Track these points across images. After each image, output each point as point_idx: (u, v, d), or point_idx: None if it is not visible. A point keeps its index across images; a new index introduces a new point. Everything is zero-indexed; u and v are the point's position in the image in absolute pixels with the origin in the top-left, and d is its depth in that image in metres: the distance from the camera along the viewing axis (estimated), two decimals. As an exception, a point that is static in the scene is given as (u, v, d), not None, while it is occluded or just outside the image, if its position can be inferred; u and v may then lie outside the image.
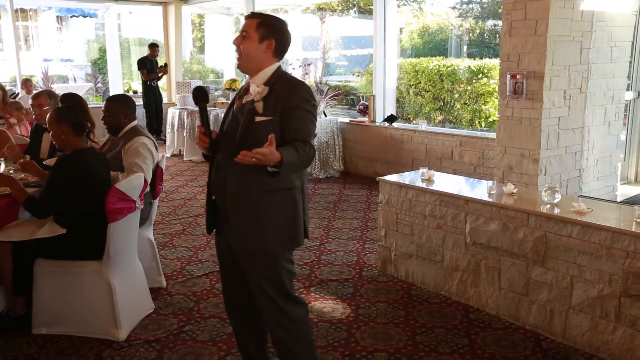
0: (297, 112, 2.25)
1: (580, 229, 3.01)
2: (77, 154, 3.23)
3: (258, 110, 2.27)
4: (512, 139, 5.19)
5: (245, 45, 2.30)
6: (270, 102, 2.26)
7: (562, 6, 4.84)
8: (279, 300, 2.40)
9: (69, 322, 3.26)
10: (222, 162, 2.37)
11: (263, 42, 2.30)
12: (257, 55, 2.30)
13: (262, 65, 2.32)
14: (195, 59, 15.53)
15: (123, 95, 4.34)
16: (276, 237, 2.33)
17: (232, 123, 2.38)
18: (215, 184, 2.42)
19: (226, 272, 2.59)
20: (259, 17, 2.32)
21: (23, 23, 15.95)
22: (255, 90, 2.28)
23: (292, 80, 2.37)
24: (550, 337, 3.23)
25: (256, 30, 2.29)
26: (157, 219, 5.58)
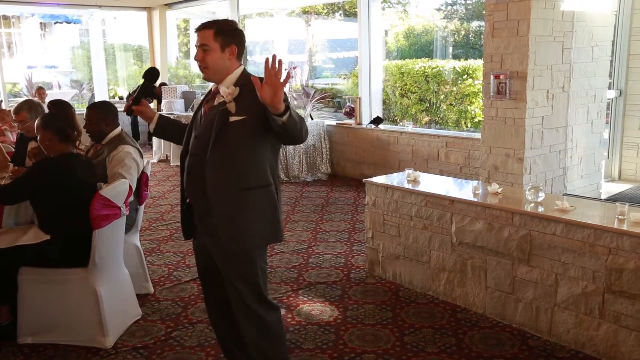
0: None
1: (563, 226, 3.04)
2: (62, 157, 3.22)
3: (231, 111, 2.27)
4: (496, 139, 5.23)
5: (209, 59, 2.30)
6: (242, 101, 2.27)
7: (543, 7, 4.90)
8: (253, 303, 2.42)
9: (55, 330, 3.23)
10: (194, 165, 2.37)
11: (225, 50, 2.31)
12: (222, 64, 2.32)
13: (228, 71, 2.34)
14: (181, 63, 15.48)
15: (103, 103, 4.30)
16: (256, 234, 2.35)
17: (203, 127, 2.37)
18: (189, 186, 2.43)
19: (205, 276, 2.60)
20: (213, 26, 2.31)
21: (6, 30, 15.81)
22: (226, 92, 2.29)
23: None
24: (537, 334, 3.25)
25: (215, 41, 2.29)
26: (144, 225, 5.55)
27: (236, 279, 2.40)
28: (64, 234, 3.20)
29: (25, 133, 4.42)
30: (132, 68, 16.13)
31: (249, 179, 2.27)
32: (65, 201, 3.17)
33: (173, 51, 14.50)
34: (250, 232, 2.33)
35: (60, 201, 3.16)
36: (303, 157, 7.71)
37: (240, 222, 2.32)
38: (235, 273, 2.40)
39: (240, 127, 2.26)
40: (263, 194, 2.34)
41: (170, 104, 9.42)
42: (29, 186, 3.15)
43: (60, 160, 3.20)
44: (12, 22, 16.12)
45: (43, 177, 3.14)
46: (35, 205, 3.28)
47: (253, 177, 2.24)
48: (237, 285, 2.40)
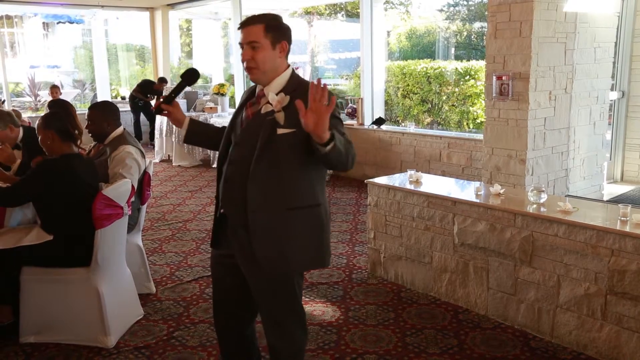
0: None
1: (566, 228, 3.04)
2: (63, 158, 3.22)
3: (279, 122, 2.06)
4: (499, 140, 5.23)
5: (259, 57, 2.07)
6: (292, 112, 1.98)
7: (546, 8, 4.90)
8: (285, 321, 2.30)
9: (57, 330, 3.24)
10: (232, 174, 2.18)
11: (276, 47, 2.10)
12: (273, 63, 2.10)
13: (277, 72, 2.13)
14: (184, 64, 15.50)
15: (105, 103, 4.30)
16: (297, 258, 2.18)
17: (245, 134, 2.16)
18: (225, 196, 2.23)
19: (223, 288, 2.39)
20: (263, 21, 2.09)
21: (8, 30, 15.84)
22: (275, 100, 2.07)
23: None
24: (539, 336, 3.25)
25: (266, 37, 2.07)
26: (146, 225, 5.56)
27: (270, 297, 2.25)
28: (67, 234, 3.20)
29: None
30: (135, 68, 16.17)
31: (295, 198, 2.10)
32: (67, 201, 3.17)
33: (175, 51, 14.52)
34: (291, 255, 2.15)
35: (62, 202, 3.17)
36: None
37: (281, 244, 2.13)
38: (270, 292, 2.24)
39: (288, 141, 2.05)
40: (310, 215, 2.17)
41: (172, 104, 9.42)
42: (31, 188, 3.16)
43: (62, 161, 3.20)
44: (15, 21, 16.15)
45: (45, 179, 3.14)
46: (37, 205, 3.28)
47: (300, 196, 2.07)
48: (270, 303, 2.25)
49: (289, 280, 2.24)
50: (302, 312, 2.38)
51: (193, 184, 7.67)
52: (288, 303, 2.29)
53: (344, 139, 1.99)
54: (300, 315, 2.36)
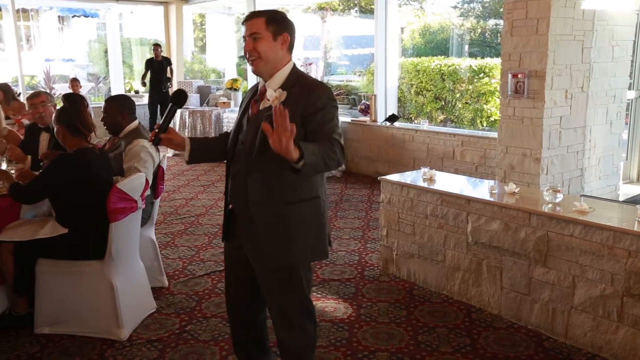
0: (320, 115, 2.11)
1: (582, 228, 3.01)
2: (78, 153, 3.23)
3: None
4: (513, 139, 5.18)
5: (260, 47, 2.13)
6: (289, 107, 2.03)
7: (564, 5, 4.84)
8: (293, 314, 2.33)
9: (71, 321, 3.27)
10: (240, 170, 2.24)
11: (278, 39, 2.15)
12: (275, 55, 2.16)
13: (279, 65, 2.18)
14: (197, 58, 15.56)
15: (120, 96, 4.32)
16: (299, 250, 2.23)
17: (249, 132, 2.22)
18: (233, 193, 2.30)
19: (235, 281, 2.47)
20: (265, 14, 2.16)
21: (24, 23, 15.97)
22: (273, 96, 2.13)
23: (310, 82, 2.22)
24: (553, 336, 3.22)
25: (267, 29, 2.13)
26: (159, 219, 5.58)
27: (277, 290, 2.29)
28: (81, 227, 3.22)
29: (42, 119, 4.44)
30: (148, 62, 16.19)
31: (294, 191, 2.14)
32: (82, 196, 3.19)
33: (189, 46, 14.57)
34: (293, 247, 2.21)
35: (77, 196, 3.18)
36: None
37: (283, 237, 2.19)
38: (277, 285, 2.29)
39: None
40: (309, 208, 2.22)
41: (185, 99, 9.46)
42: (46, 185, 3.18)
43: (76, 157, 3.22)
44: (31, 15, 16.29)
45: (60, 176, 3.16)
46: (52, 200, 3.30)
47: (299, 189, 2.11)
48: (277, 296, 2.30)
49: (295, 274, 2.28)
50: (311, 306, 2.40)
51: (205, 178, 7.69)
52: (296, 296, 2.32)
53: (318, 148, 1.99)
54: (309, 308, 2.38)
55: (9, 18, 10.09)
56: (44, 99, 4.50)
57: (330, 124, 2.12)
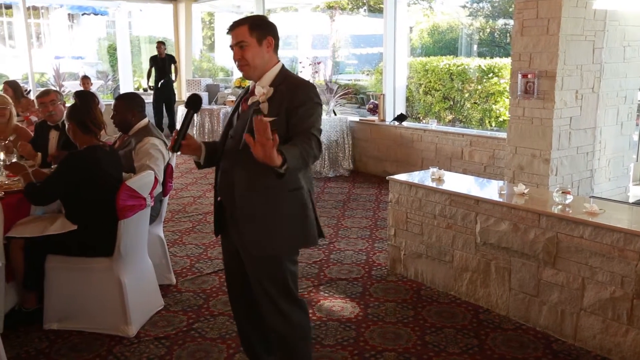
0: (302, 110, 2.21)
1: (592, 230, 2.99)
2: (88, 151, 3.25)
3: (263, 112, 2.23)
4: (522, 139, 5.16)
5: (248, 55, 2.25)
6: (275, 103, 2.24)
7: (575, 5, 4.81)
8: (281, 302, 2.38)
9: (79, 317, 3.28)
10: (228, 164, 2.35)
11: (263, 43, 2.26)
12: (262, 58, 2.27)
13: (267, 66, 2.30)
14: (205, 57, 15.58)
15: (130, 94, 4.34)
16: (283, 237, 2.31)
17: (238, 126, 2.34)
18: (222, 186, 2.40)
19: (231, 273, 2.59)
20: (247, 22, 2.26)
21: (35, 20, 16.05)
22: (260, 92, 2.26)
23: (296, 80, 2.34)
24: (561, 338, 3.20)
25: (251, 35, 2.24)
26: (167, 217, 5.60)
27: (263, 279, 2.37)
28: (90, 224, 3.23)
29: (52, 117, 4.48)
30: (157, 60, 16.23)
31: (278, 183, 2.16)
32: (91, 193, 3.20)
33: (197, 44, 14.59)
34: (276, 236, 2.30)
35: (86, 193, 3.20)
36: (325, 153, 7.69)
37: (265, 226, 2.28)
38: (262, 273, 2.37)
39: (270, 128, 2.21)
40: (292, 198, 2.30)
41: (194, 97, 9.47)
42: (59, 186, 3.19)
43: (86, 154, 3.23)
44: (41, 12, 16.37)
45: (71, 174, 3.17)
46: (62, 197, 3.32)
47: (283, 181, 2.12)
48: (264, 285, 2.36)
49: (279, 263, 2.34)
50: (297, 295, 2.44)
51: (213, 176, 7.70)
52: (282, 286, 2.38)
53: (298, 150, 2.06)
54: (295, 298, 2.43)
55: (20, 15, 10.17)
56: (53, 98, 4.53)
57: (310, 119, 2.21)
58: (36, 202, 3.31)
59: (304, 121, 2.20)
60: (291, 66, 12.32)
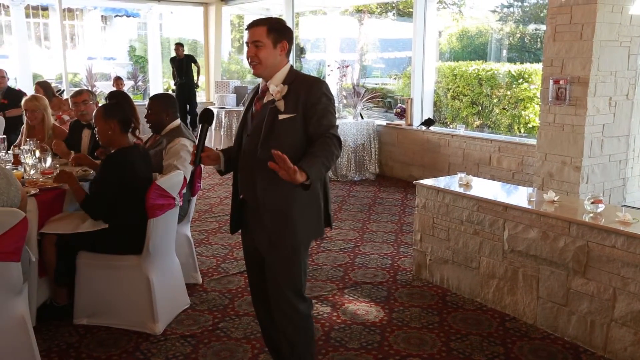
0: (319, 108, 2.33)
1: (625, 239, 2.93)
2: (121, 153, 3.29)
3: (280, 109, 2.34)
4: (553, 146, 5.08)
5: (262, 55, 2.34)
6: (290, 99, 2.34)
7: (610, 10, 4.72)
8: (291, 296, 2.46)
9: (108, 314, 3.34)
10: (247, 163, 2.44)
11: (277, 46, 2.36)
12: (274, 60, 2.36)
13: (278, 67, 2.39)
14: (234, 59, 15.73)
15: (166, 94, 4.43)
16: (301, 230, 2.41)
17: (255, 125, 2.42)
18: (243, 183, 2.49)
19: (252, 270, 2.66)
20: (266, 23, 2.36)
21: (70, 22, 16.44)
22: (275, 90, 2.35)
23: (308, 77, 2.45)
24: (591, 349, 3.14)
25: (268, 37, 2.33)
26: (194, 216, 5.66)
27: (279, 271, 2.44)
28: (121, 223, 3.28)
29: (84, 117, 4.57)
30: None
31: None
32: (123, 193, 3.24)
33: (226, 46, 14.74)
34: (296, 227, 2.39)
35: (119, 193, 3.24)
36: (352, 156, 7.69)
37: (287, 218, 2.38)
38: (280, 265, 2.44)
39: (288, 125, 2.33)
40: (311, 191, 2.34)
41: (222, 98, 9.58)
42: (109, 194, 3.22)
43: (122, 156, 3.28)
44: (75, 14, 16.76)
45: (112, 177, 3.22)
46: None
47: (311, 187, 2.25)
48: (279, 277, 2.44)
49: (297, 256, 2.44)
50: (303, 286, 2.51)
51: (240, 177, 7.76)
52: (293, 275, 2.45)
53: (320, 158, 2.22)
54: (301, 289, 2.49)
55: (56, 17, 10.44)
56: (85, 98, 4.63)
57: (327, 118, 2.34)
58: (95, 217, 3.29)
59: (322, 121, 2.32)
60: (319, 69, 12.35)
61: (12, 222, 2.54)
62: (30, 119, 4.68)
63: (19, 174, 3.64)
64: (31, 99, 4.83)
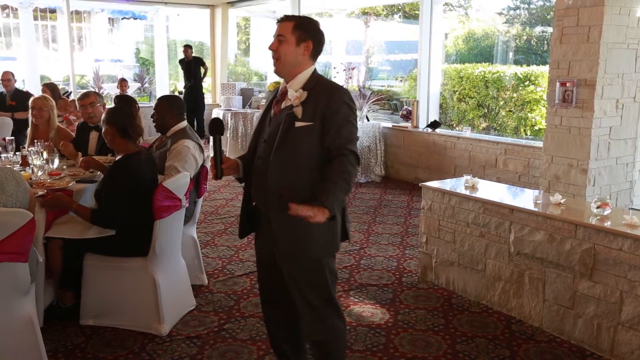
0: (337, 118, 2.22)
1: (632, 242, 2.91)
2: (126, 160, 3.28)
3: (297, 116, 2.24)
4: (559, 148, 5.06)
5: (282, 49, 2.25)
6: (309, 106, 2.23)
7: (618, 13, 4.70)
8: (321, 307, 2.37)
9: (114, 314, 3.35)
10: (261, 169, 2.33)
11: (300, 45, 2.26)
12: (294, 58, 2.27)
13: (299, 68, 2.29)
14: (240, 61, 15.76)
15: (170, 96, 4.43)
16: (320, 241, 2.30)
17: (271, 130, 2.33)
18: (256, 189, 2.39)
19: (263, 275, 2.58)
20: (294, 20, 2.27)
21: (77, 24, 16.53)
22: (294, 95, 2.25)
23: (330, 84, 2.33)
24: (597, 352, 3.13)
25: (292, 33, 2.24)
26: (200, 218, 5.67)
27: (302, 283, 2.36)
28: (127, 227, 3.28)
29: (92, 119, 4.60)
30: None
31: (311, 187, 2.19)
32: (130, 197, 3.23)
33: (232, 48, 14.77)
34: (310, 239, 2.29)
35: (126, 198, 3.23)
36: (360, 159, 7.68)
37: (299, 230, 2.25)
38: (300, 278, 2.36)
39: (305, 133, 2.23)
40: None
41: (228, 100, 9.60)
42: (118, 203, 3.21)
43: (126, 165, 3.26)
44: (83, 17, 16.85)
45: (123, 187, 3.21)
46: (100, 201, 3.37)
47: (315, 186, 2.16)
48: (303, 289, 2.36)
49: (317, 265, 2.34)
50: (335, 299, 2.44)
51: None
52: (320, 289, 2.37)
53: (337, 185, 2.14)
54: (333, 301, 2.42)
55: (64, 20, 10.51)
56: (92, 100, 4.65)
57: (346, 130, 2.23)
58: (109, 227, 3.26)
59: (340, 133, 2.21)
60: (325, 71, 12.35)
61: (19, 223, 2.56)
62: (36, 117, 4.70)
63: (26, 175, 3.66)
64: (40, 97, 4.87)
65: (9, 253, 2.55)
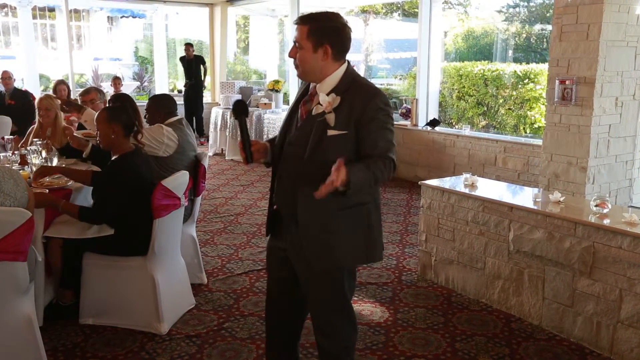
0: (374, 125, 2.09)
1: (631, 240, 2.91)
2: (123, 160, 3.26)
3: (330, 123, 2.08)
4: (559, 146, 5.06)
5: (300, 57, 2.12)
6: (343, 113, 2.08)
7: (617, 10, 4.70)
8: (337, 320, 2.32)
9: (114, 313, 3.35)
10: (286, 172, 2.22)
11: (318, 51, 2.10)
12: (315, 65, 2.12)
13: (324, 73, 2.13)
14: (239, 59, 15.75)
15: (161, 95, 4.44)
16: (347, 253, 2.21)
17: (298, 134, 2.19)
18: (279, 194, 2.28)
19: (273, 278, 2.47)
20: (307, 23, 2.11)
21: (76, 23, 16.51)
22: (326, 101, 2.09)
23: (366, 88, 2.15)
24: (597, 350, 3.13)
25: (308, 40, 2.10)
26: (199, 217, 5.66)
27: (321, 296, 2.29)
28: (126, 227, 3.27)
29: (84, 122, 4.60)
30: (191, 62, 16.48)
31: (341, 198, 2.05)
32: (131, 199, 3.23)
33: (231, 47, 14.76)
34: (338, 252, 2.18)
35: (125, 200, 3.22)
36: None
37: (329, 242, 2.16)
38: (321, 291, 2.29)
39: (338, 142, 2.09)
40: (357, 213, 2.18)
41: (227, 99, 9.60)
42: (112, 201, 3.20)
43: (126, 164, 3.25)
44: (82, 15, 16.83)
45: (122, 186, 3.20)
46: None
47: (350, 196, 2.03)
48: (321, 302, 2.30)
49: (337, 278, 2.26)
50: (352, 311, 2.38)
51: (245, 178, 7.79)
52: (337, 301, 2.31)
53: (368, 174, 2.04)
54: (349, 314, 2.37)
55: (62, 18, 10.49)
56: (93, 97, 4.65)
57: (384, 139, 2.10)
58: (97, 223, 3.25)
59: (378, 143, 2.09)
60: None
61: (18, 222, 2.55)
62: (43, 117, 4.70)
63: (25, 174, 3.65)
64: (46, 97, 4.85)
65: (8, 252, 2.55)
